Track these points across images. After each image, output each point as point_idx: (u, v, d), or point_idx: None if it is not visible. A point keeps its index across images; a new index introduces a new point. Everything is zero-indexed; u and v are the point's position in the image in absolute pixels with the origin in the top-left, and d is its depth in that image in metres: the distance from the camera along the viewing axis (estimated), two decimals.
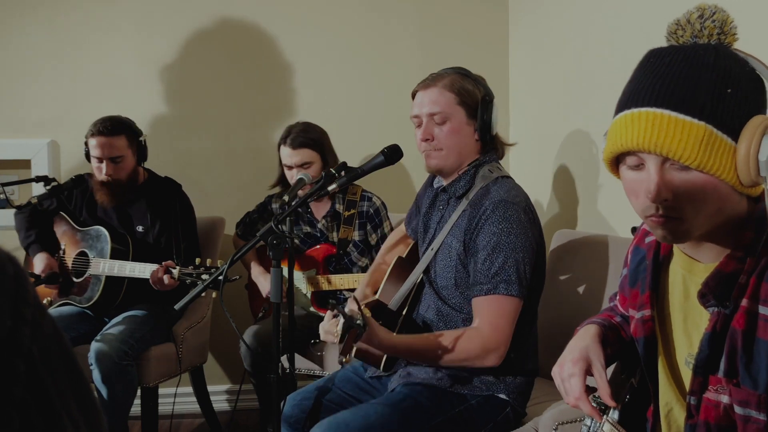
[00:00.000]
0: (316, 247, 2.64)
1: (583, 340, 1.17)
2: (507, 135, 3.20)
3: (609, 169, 1.03)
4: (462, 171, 1.81)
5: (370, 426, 1.61)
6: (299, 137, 2.53)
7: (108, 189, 2.54)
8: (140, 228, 2.59)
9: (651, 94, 0.92)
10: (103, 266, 2.46)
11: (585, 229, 2.42)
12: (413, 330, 1.83)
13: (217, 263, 2.24)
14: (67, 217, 2.63)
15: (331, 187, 1.83)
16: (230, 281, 1.88)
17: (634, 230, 1.23)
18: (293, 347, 1.87)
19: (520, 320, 1.71)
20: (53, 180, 2.62)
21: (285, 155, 2.56)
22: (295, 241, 2.68)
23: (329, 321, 1.71)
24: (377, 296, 1.90)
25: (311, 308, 2.62)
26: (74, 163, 2.97)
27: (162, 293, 2.37)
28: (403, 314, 1.84)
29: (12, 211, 2.67)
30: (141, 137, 2.60)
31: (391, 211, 2.76)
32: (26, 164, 3.03)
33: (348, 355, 1.75)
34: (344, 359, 1.73)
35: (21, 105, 3.04)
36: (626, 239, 1.90)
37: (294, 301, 1.94)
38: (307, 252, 2.65)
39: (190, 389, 2.93)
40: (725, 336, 0.94)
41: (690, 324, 1.04)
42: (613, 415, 1.10)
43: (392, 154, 1.84)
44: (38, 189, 2.76)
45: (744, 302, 0.93)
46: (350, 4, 3.19)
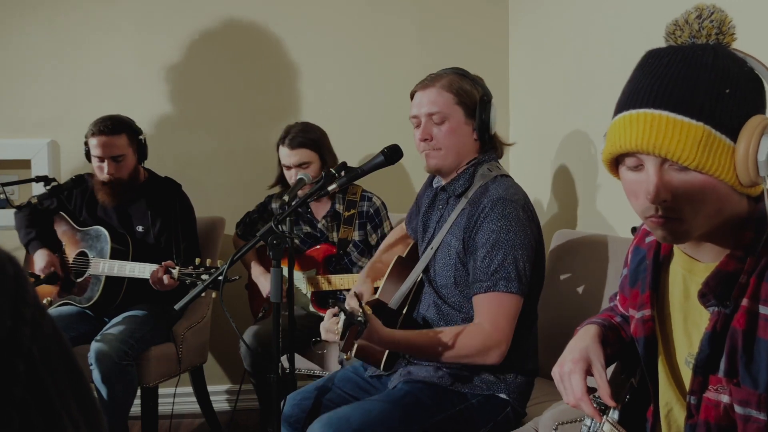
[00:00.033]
0: (316, 247, 2.64)
1: (583, 341, 1.17)
2: (507, 135, 3.20)
3: (608, 170, 1.03)
4: (461, 170, 1.81)
5: (371, 421, 1.61)
6: (297, 137, 2.53)
7: (110, 188, 2.54)
8: (140, 228, 2.59)
9: (649, 95, 0.92)
10: (103, 266, 2.45)
11: (585, 229, 2.42)
12: (413, 329, 1.82)
13: (217, 263, 2.24)
14: (67, 217, 2.63)
15: (331, 187, 1.84)
16: (230, 281, 1.88)
17: (634, 230, 1.23)
18: (293, 347, 1.87)
19: (521, 320, 1.71)
20: (53, 180, 2.62)
21: (283, 155, 2.57)
22: (295, 241, 2.68)
23: (330, 320, 1.71)
24: (377, 295, 1.90)
25: (311, 308, 2.62)
26: (74, 163, 2.97)
27: (162, 293, 2.37)
28: (403, 313, 1.84)
29: (12, 211, 2.67)
30: (141, 136, 2.60)
31: (391, 211, 2.76)
32: (26, 164, 3.03)
33: (349, 352, 1.75)
34: (345, 356, 1.73)
35: (21, 105, 3.04)
36: (626, 239, 1.90)
37: (294, 301, 1.94)
38: (307, 252, 2.65)
39: (190, 389, 2.93)
40: (725, 336, 0.94)
41: (690, 324, 1.04)
42: (613, 415, 1.10)
43: (392, 154, 1.85)
44: (38, 189, 2.76)
45: (744, 302, 0.93)
46: (350, 4, 3.19)
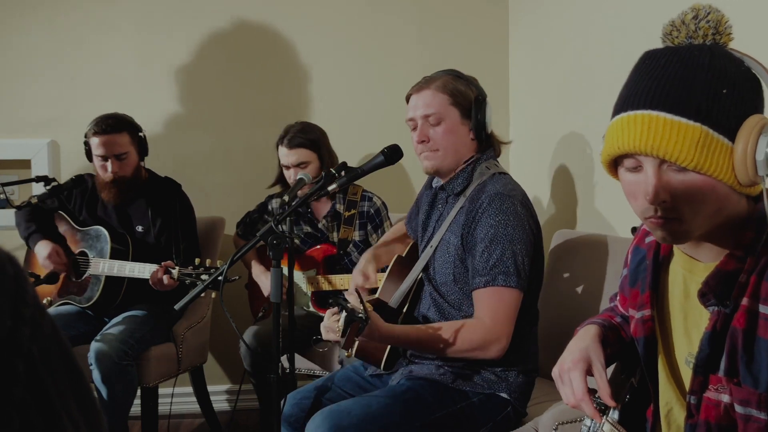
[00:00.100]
0: (316, 247, 2.64)
1: (583, 341, 1.17)
2: (507, 134, 3.20)
3: (607, 172, 1.03)
4: (459, 169, 1.82)
5: (372, 415, 1.61)
6: (296, 137, 2.53)
7: (114, 186, 2.53)
8: (140, 228, 2.59)
9: (647, 97, 0.92)
10: (103, 266, 2.45)
11: (585, 229, 2.42)
12: None
13: (217, 263, 2.24)
14: (67, 217, 2.63)
15: (331, 187, 1.84)
16: (230, 281, 1.88)
17: (634, 230, 1.23)
18: (293, 347, 1.87)
19: (521, 317, 1.72)
20: (53, 180, 2.61)
21: (282, 155, 2.57)
22: (296, 241, 2.68)
23: (330, 318, 1.71)
24: (377, 295, 1.91)
25: (311, 308, 2.62)
26: (74, 163, 2.97)
27: (162, 293, 2.37)
28: (404, 312, 1.84)
29: (12, 211, 2.66)
30: (141, 133, 2.60)
31: (391, 211, 2.76)
32: (26, 164, 3.03)
33: (350, 350, 1.75)
34: (346, 354, 1.73)
35: (21, 105, 3.04)
36: (626, 239, 1.90)
37: (294, 301, 1.94)
38: (307, 252, 2.65)
39: (190, 389, 2.93)
40: (725, 335, 0.94)
41: (690, 323, 1.04)
42: (613, 415, 1.10)
43: (392, 154, 1.86)
44: (38, 189, 2.76)
45: (744, 301, 0.93)
46: (350, 4, 3.19)
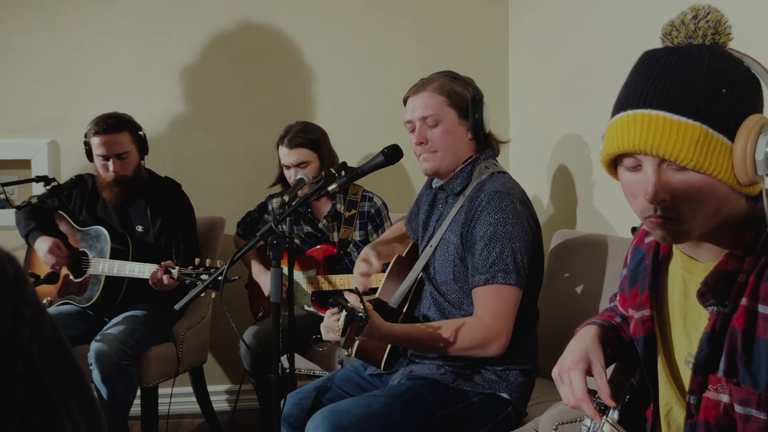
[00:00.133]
0: (317, 247, 2.64)
1: (583, 341, 1.17)
2: (507, 134, 3.20)
3: (607, 171, 1.03)
4: (459, 169, 1.82)
5: (372, 414, 1.61)
6: (296, 137, 2.53)
7: (116, 186, 2.53)
8: (140, 228, 2.59)
9: (646, 96, 0.92)
10: (103, 266, 2.45)
11: (584, 229, 2.42)
12: None
13: (217, 263, 2.24)
14: (67, 217, 2.63)
15: (331, 187, 1.84)
16: (230, 281, 1.88)
17: (634, 230, 1.23)
18: (293, 347, 1.87)
19: (522, 317, 1.72)
20: (53, 180, 2.61)
21: (282, 155, 2.57)
22: (296, 241, 2.68)
23: (330, 318, 1.71)
24: (377, 294, 1.91)
25: (311, 307, 2.62)
26: (74, 163, 2.97)
27: (162, 293, 2.37)
28: (404, 312, 1.84)
29: (12, 211, 2.66)
30: (141, 131, 2.61)
31: (391, 211, 2.76)
32: (26, 164, 3.03)
33: (350, 349, 1.75)
34: (346, 353, 1.73)
35: (21, 105, 3.04)
36: (626, 239, 1.90)
37: (294, 301, 1.94)
38: (308, 252, 2.65)
39: (190, 389, 2.93)
40: (725, 335, 0.94)
41: (689, 323, 1.04)
42: (613, 415, 1.10)
43: (392, 154, 1.86)
44: (38, 189, 2.76)
45: (743, 301, 0.93)
46: (350, 4, 3.19)
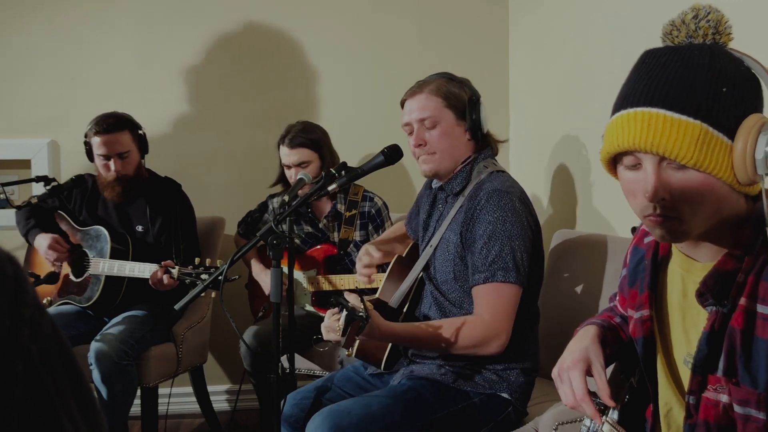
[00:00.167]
0: (317, 248, 2.64)
1: (583, 341, 1.17)
2: (507, 134, 3.20)
3: (606, 170, 1.03)
4: (458, 169, 1.83)
5: (372, 415, 1.61)
6: (297, 137, 2.53)
7: (118, 185, 2.53)
8: (140, 228, 2.59)
9: (647, 94, 0.92)
10: (103, 266, 2.45)
11: (584, 229, 2.42)
12: None
13: (217, 263, 2.24)
14: (67, 217, 2.63)
15: (331, 187, 1.84)
16: (230, 281, 1.88)
17: (634, 230, 1.23)
18: (293, 347, 1.88)
19: (522, 316, 1.72)
20: (53, 180, 2.61)
21: (283, 154, 2.57)
22: (297, 241, 2.68)
23: (331, 318, 1.71)
24: (378, 295, 1.91)
25: (311, 307, 2.62)
26: (74, 163, 2.97)
27: (162, 293, 2.37)
28: (404, 311, 1.84)
29: (12, 211, 2.67)
30: (141, 130, 2.61)
31: (391, 211, 2.76)
32: (26, 164, 3.03)
33: (351, 349, 1.75)
34: (347, 353, 1.73)
35: (21, 105, 3.04)
36: (626, 239, 1.90)
37: (294, 300, 1.94)
38: (308, 252, 2.65)
39: (190, 389, 2.93)
40: (723, 335, 0.94)
41: (688, 323, 1.04)
42: (613, 416, 1.10)
43: (392, 154, 1.86)
44: (38, 189, 2.76)
45: (742, 301, 0.93)
46: (351, 5, 3.19)
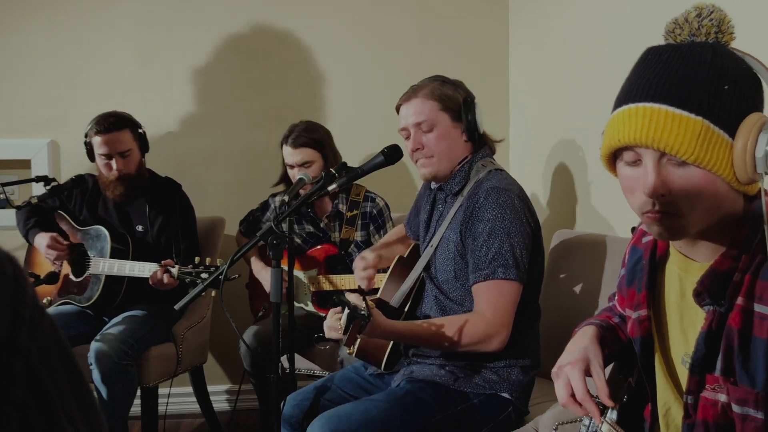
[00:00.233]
0: (318, 247, 2.64)
1: (582, 341, 1.17)
2: (507, 135, 3.20)
3: (606, 166, 1.03)
4: (456, 169, 1.83)
5: (371, 420, 1.61)
6: (301, 137, 2.53)
7: (120, 184, 2.53)
8: (140, 228, 2.59)
9: (648, 90, 0.93)
10: (103, 265, 2.45)
11: (584, 229, 2.42)
12: None
13: (217, 262, 2.24)
14: (67, 217, 2.63)
15: (331, 187, 1.84)
16: (230, 280, 1.88)
17: (634, 231, 1.23)
18: (293, 347, 1.88)
19: (522, 314, 1.72)
20: (53, 180, 2.61)
21: (286, 154, 2.57)
22: (297, 241, 2.68)
23: (333, 317, 1.72)
24: (379, 294, 1.91)
25: (311, 307, 2.62)
26: (74, 163, 2.97)
27: (162, 293, 2.37)
28: (405, 311, 1.85)
29: (12, 211, 2.67)
30: (141, 129, 2.61)
31: (392, 211, 2.76)
32: (26, 164, 3.04)
33: (352, 347, 1.76)
34: (348, 351, 1.74)
35: (21, 105, 3.04)
36: (625, 239, 1.90)
37: (294, 299, 1.94)
38: (309, 252, 2.65)
39: (190, 389, 2.93)
40: (721, 335, 0.95)
41: (686, 323, 1.04)
42: (612, 416, 1.10)
43: (392, 154, 1.87)
44: (38, 189, 2.76)
45: (739, 300, 0.93)
46: (351, 5, 3.19)
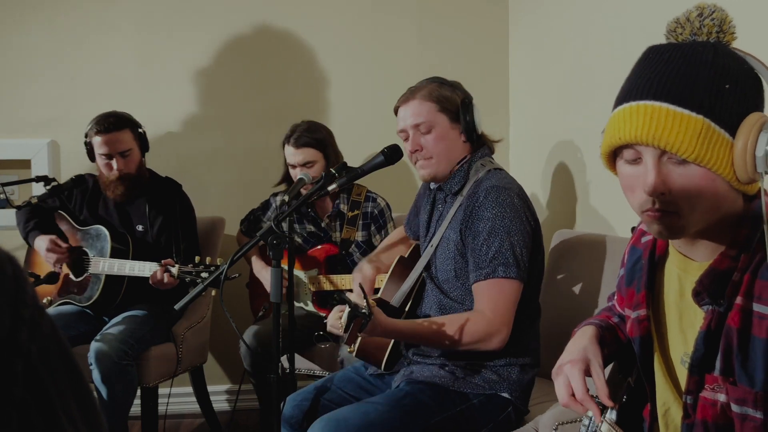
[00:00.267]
0: (318, 247, 2.64)
1: (581, 341, 1.17)
2: (507, 134, 3.20)
3: (606, 165, 1.03)
4: (455, 169, 1.83)
5: (370, 423, 1.61)
6: (303, 136, 2.53)
7: (121, 184, 2.54)
8: (140, 227, 2.59)
9: (649, 88, 0.93)
10: (103, 265, 2.45)
11: (584, 229, 2.42)
12: None
13: (217, 262, 2.24)
14: (67, 217, 2.63)
15: (331, 187, 1.85)
16: (230, 279, 1.88)
17: (634, 230, 1.23)
18: (293, 347, 1.88)
19: (523, 313, 1.73)
20: (53, 180, 2.61)
21: (288, 154, 2.57)
22: (298, 240, 2.68)
23: (334, 316, 1.72)
24: (379, 294, 1.91)
25: (312, 306, 2.62)
26: (74, 163, 2.97)
27: (162, 293, 2.37)
28: (406, 311, 1.85)
29: (12, 211, 2.67)
30: (141, 129, 2.61)
31: (392, 211, 2.76)
32: (26, 164, 3.04)
33: (353, 345, 1.76)
34: (348, 349, 1.74)
35: (21, 105, 3.04)
36: (625, 239, 1.90)
37: (294, 299, 1.94)
38: (309, 252, 2.65)
39: (190, 389, 2.93)
40: (720, 334, 0.95)
41: (685, 323, 1.04)
42: (611, 415, 1.10)
43: (392, 154, 1.87)
44: (38, 189, 2.76)
45: (738, 300, 0.93)
46: (352, 5, 3.19)
